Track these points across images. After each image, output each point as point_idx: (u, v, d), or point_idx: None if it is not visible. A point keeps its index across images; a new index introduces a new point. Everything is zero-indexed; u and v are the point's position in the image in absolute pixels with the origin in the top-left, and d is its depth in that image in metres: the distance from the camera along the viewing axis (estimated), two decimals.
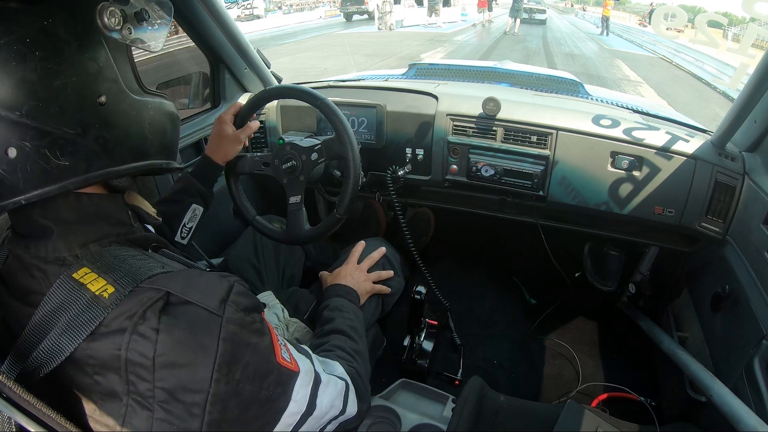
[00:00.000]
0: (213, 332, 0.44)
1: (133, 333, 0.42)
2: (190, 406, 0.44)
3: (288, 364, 0.53)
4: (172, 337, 0.43)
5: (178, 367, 0.43)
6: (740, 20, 12.50)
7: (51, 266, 0.46)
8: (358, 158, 0.95)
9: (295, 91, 0.99)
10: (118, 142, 0.49)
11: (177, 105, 1.42)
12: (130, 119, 0.50)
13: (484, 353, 1.47)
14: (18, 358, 0.43)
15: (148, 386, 0.43)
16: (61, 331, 0.42)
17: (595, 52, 11.50)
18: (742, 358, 0.88)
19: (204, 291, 0.46)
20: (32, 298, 0.45)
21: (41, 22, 0.41)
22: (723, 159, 1.04)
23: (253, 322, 0.49)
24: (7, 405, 0.37)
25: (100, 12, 0.46)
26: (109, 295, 0.43)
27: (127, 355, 0.42)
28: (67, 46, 0.44)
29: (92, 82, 0.46)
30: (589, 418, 0.91)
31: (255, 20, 17.94)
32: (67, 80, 0.44)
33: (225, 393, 0.45)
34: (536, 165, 1.19)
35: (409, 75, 1.73)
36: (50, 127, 0.43)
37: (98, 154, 0.47)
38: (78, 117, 0.45)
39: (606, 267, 1.50)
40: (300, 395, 0.54)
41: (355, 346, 0.80)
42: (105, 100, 0.47)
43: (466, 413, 0.92)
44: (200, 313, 0.45)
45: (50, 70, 0.42)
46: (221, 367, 0.44)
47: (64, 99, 0.44)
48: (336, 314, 0.86)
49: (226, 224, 1.47)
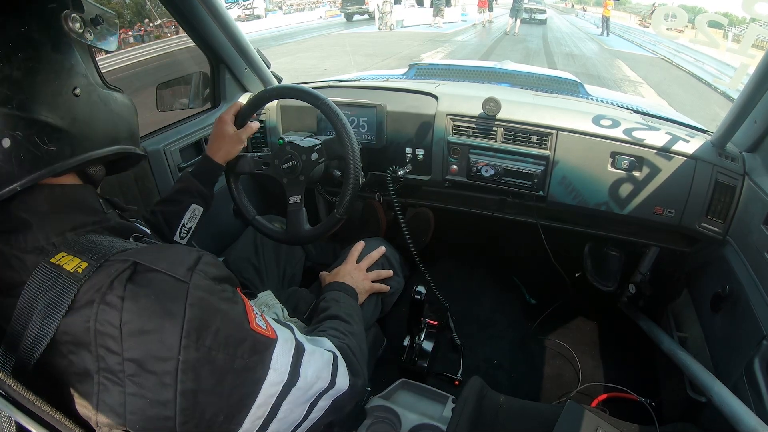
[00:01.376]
0: (180, 298, 0.44)
1: (100, 303, 0.43)
2: (161, 376, 0.43)
3: (264, 331, 0.52)
4: (137, 304, 0.43)
5: (145, 334, 0.43)
6: (740, 20, 12.51)
7: (29, 256, 0.47)
8: (359, 159, 0.95)
9: (296, 91, 0.99)
10: (93, 128, 0.55)
11: (178, 105, 1.43)
12: (101, 108, 0.57)
13: (484, 353, 1.47)
14: (9, 349, 0.43)
15: (117, 359, 0.43)
16: (43, 313, 0.43)
17: (595, 52, 11.51)
18: (742, 358, 0.88)
19: (172, 260, 0.47)
20: (15, 291, 0.46)
21: (19, 28, 0.48)
22: (723, 159, 1.04)
23: (223, 291, 0.49)
24: (6, 403, 0.37)
25: (65, 18, 0.53)
26: (82, 270, 0.44)
27: (96, 326, 0.43)
28: (43, 47, 0.50)
29: (67, 77, 0.52)
30: (589, 418, 0.91)
31: (255, 20, 17.95)
32: (47, 75, 0.50)
33: (196, 360, 0.44)
34: (536, 165, 1.19)
35: (410, 75, 1.73)
36: (38, 116, 0.48)
37: (79, 140, 0.53)
38: (60, 106, 0.51)
39: (606, 267, 1.50)
40: (279, 364, 0.52)
41: (348, 327, 0.78)
42: (80, 92, 0.53)
43: (466, 413, 0.92)
44: (167, 279, 0.45)
45: (32, 68, 0.49)
46: (189, 333, 0.44)
47: (47, 91, 0.50)
48: (332, 304, 0.85)
49: (226, 224, 1.47)
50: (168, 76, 1.36)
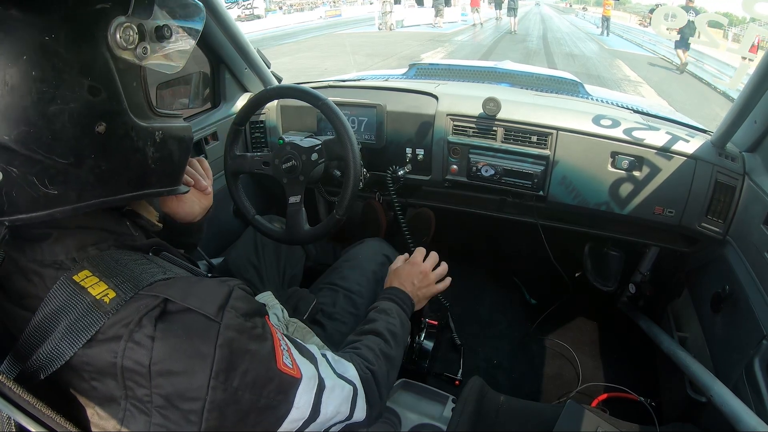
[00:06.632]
0: (210, 339, 0.44)
1: (128, 341, 0.42)
2: (187, 413, 0.43)
3: (290, 371, 0.51)
4: (167, 344, 0.42)
5: (174, 375, 0.43)
6: (740, 20, 12.50)
7: (48, 270, 0.45)
8: (359, 160, 0.95)
9: (296, 91, 0.99)
10: (114, 172, 0.45)
11: (178, 105, 1.41)
12: (131, 148, 0.46)
13: (484, 353, 1.47)
14: (17, 359, 0.42)
15: (146, 392, 0.42)
16: (62, 335, 0.42)
17: (595, 52, 11.49)
18: (742, 358, 0.88)
19: (203, 297, 0.45)
20: (29, 302, 0.44)
21: (42, 37, 0.36)
22: (723, 159, 1.04)
23: (254, 328, 0.48)
24: (6, 404, 0.37)
25: (112, 29, 0.41)
26: (110, 300, 0.43)
27: (122, 362, 0.42)
28: (68, 67, 0.38)
29: (92, 109, 0.41)
30: (589, 418, 0.91)
31: (255, 20, 17.92)
32: (64, 106, 0.39)
33: (222, 401, 0.44)
34: (536, 165, 1.19)
35: (410, 75, 1.73)
36: (40, 156, 0.39)
37: (92, 185, 0.43)
38: (72, 146, 0.40)
39: (606, 267, 1.50)
40: (302, 402, 0.52)
41: (387, 349, 0.76)
42: (104, 129, 0.42)
43: (466, 413, 0.92)
44: (198, 319, 0.44)
45: (46, 94, 0.37)
46: (218, 375, 0.44)
47: (59, 126, 0.39)
48: (381, 316, 0.83)
49: (226, 224, 1.47)
50: (168, 76, 1.36)
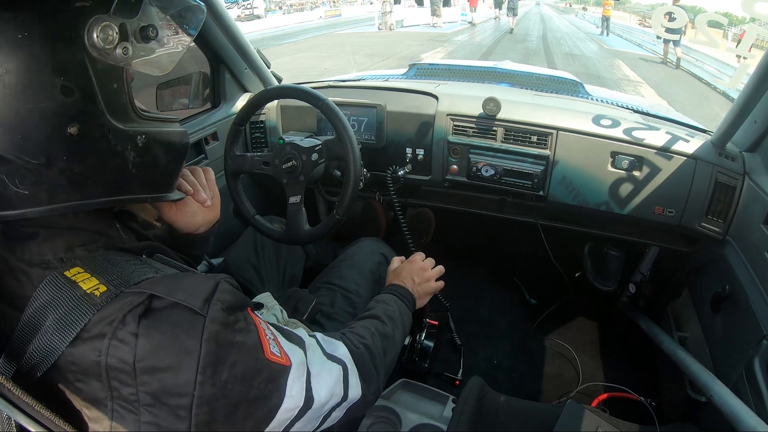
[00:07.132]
0: (195, 334, 0.43)
1: (112, 338, 0.41)
2: (176, 409, 0.43)
3: (278, 359, 0.50)
4: (151, 340, 0.42)
5: (159, 371, 0.42)
6: (740, 20, 12.50)
7: (35, 269, 0.45)
8: (359, 160, 0.95)
9: (296, 91, 0.99)
10: (88, 175, 0.43)
11: (178, 105, 1.40)
12: (107, 152, 0.44)
13: (485, 353, 1.47)
14: (11, 358, 0.42)
15: (132, 390, 0.42)
16: (52, 330, 0.41)
17: (595, 52, 11.49)
18: (742, 358, 0.88)
19: (189, 290, 0.45)
20: (18, 302, 0.44)
21: (15, 34, 0.36)
22: (723, 159, 1.04)
23: (237, 321, 0.48)
24: (6, 405, 0.37)
25: (89, 28, 0.40)
26: (100, 293, 0.42)
27: (107, 361, 0.41)
28: (42, 66, 0.37)
29: (65, 110, 0.40)
30: (589, 418, 0.91)
31: (255, 20, 17.91)
32: (35, 106, 0.38)
33: (212, 395, 0.44)
34: (536, 165, 1.19)
35: (410, 75, 1.72)
36: (9, 155, 0.38)
37: (63, 187, 0.42)
38: (44, 146, 0.39)
39: (606, 267, 1.50)
40: (295, 390, 0.51)
41: (383, 329, 0.75)
42: (77, 130, 0.41)
43: (466, 413, 0.92)
44: (183, 314, 0.43)
45: (18, 94, 0.37)
46: (206, 370, 0.43)
47: (31, 126, 0.38)
48: (379, 305, 0.83)
49: (226, 224, 1.47)
50: (168, 76, 1.36)
